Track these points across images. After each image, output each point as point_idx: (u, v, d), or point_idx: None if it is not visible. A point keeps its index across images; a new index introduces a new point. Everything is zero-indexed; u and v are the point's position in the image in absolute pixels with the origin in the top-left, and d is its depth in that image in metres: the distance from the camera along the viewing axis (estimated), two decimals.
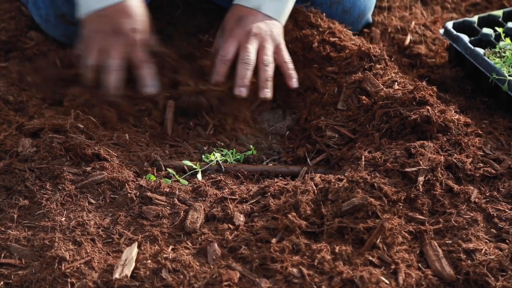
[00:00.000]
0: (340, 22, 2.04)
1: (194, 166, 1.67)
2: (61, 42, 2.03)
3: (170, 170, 1.66)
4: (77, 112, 1.79)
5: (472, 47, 1.88)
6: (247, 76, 1.81)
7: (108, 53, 1.79)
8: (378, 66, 1.84)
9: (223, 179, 1.65)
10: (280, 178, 1.65)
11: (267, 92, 1.81)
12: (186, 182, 1.64)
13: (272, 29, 1.86)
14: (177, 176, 1.64)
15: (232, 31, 1.85)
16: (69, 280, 1.39)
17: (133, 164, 1.67)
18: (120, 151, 1.70)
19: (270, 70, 1.83)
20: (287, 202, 1.52)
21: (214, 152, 1.74)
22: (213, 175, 1.67)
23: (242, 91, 1.80)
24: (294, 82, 1.85)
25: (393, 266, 1.42)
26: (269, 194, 1.58)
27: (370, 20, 2.14)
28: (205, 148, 1.79)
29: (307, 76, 1.90)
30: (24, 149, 1.67)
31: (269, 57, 1.83)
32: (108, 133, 1.74)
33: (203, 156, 1.74)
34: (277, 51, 1.86)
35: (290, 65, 1.86)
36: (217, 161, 1.70)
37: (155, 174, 1.65)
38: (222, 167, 1.68)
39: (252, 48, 1.82)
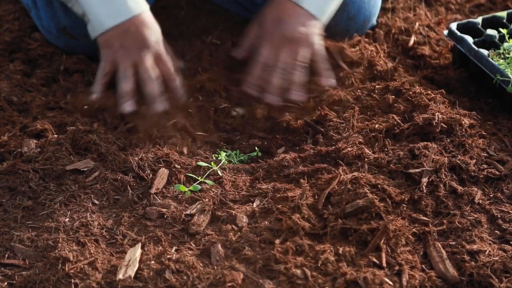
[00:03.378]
0: (345, 29, 2.05)
1: (210, 166, 1.67)
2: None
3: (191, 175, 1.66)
4: (80, 112, 1.80)
5: (476, 48, 1.88)
6: (276, 85, 1.84)
7: (140, 68, 1.79)
8: None
9: (227, 179, 1.65)
10: (284, 177, 1.65)
11: (295, 94, 1.84)
12: (212, 183, 1.64)
13: (309, 32, 1.86)
14: (200, 178, 1.64)
15: (272, 35, 1.85)
16: (72, 281, 1.39)
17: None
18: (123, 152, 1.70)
19: (301, 75, 1.84)
20: (291, 203, 1.52)
21: (220, 152, 1.74)
22: (217, 176, 1.67)
23: (272, 98, 1.84)
24: (330, 81, 1.88)
25: (396, 268, 1.42)
26: (272, 194, 1.58)
27: (375, 23, 2.14)
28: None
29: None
30: (28, 149, 1.67)
31: (301, 63, 1.84)
32: (113, 135, 1.74)
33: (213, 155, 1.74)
34: (312, 54, 1.87)
35: (326, 66, 1.88)
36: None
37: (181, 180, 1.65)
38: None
39: (285, 55, 1.83)
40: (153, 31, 1.81)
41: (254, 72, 1.86)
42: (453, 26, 1.96)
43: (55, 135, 1.72)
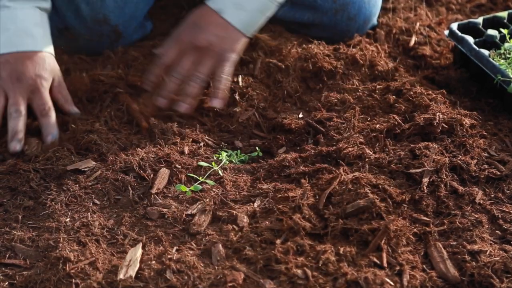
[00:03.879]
0: (345, 29, 2.05)
1: (211, 166, 1.67)
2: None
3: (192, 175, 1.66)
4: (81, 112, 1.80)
5: (477, 49, 1.88)
6: (171, 89, 1.80)
7: (11, 99, 1.71)
8: None
9: (228, 179, 1.65)
10: (285, 178, 1.65)
11: (182, 106, 1.79)
12: (213, 183, 1.64)
13: (224, 43, 1.81)
14: (200, 178, 1.64)
15: (182, 38, 1.82)
16: (73, 280, 1.39)
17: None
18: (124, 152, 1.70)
19: (195, 87, 1.79)
20: (292, 203, 1.52)
21: (221, 152, 1.74)
22: (218, 176, 1.67)
23: (161, 101, 1.80)
24: (215, 102, 1.81)
25: (397, 268, 1.42)
26: (273, 194, 1.58)
27: (376, 23, 2.14)
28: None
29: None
30: (30, 147, 1.68)
31: (200, 74, 1.79)
32: (113, 135, 1.75)
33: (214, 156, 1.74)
34: (217, 67, 1.81)
35: (221, 85, 1.81)
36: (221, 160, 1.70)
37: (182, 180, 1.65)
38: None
39: (187, 62, 1.79)
40: (40, 68, 1.74)
41: (153, 70, 1.83)
42: (454, 26, 1.96)
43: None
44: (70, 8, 1.95)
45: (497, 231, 1.51)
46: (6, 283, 1.41)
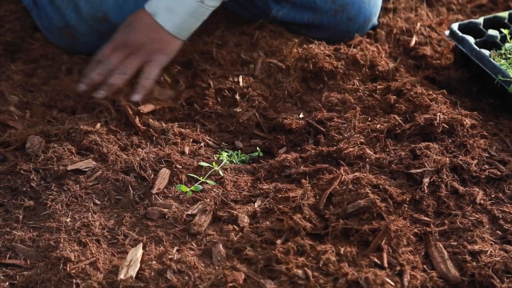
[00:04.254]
0: (345, 30, 2.05)
1: (212, 166, 1.67)
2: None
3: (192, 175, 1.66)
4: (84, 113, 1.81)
5: (478, 49, 1.88)
6: (93, 78, 1.84)
7: None
8: None
9: (228, 180, 1.65)
10: (286, 178, 1.65)
11: (101, 93, 1.83)
12: (214, 183, 1.64)
13: (154, 44, 1.86)
14: (201, 179, 1.64)
15: (116, 36, 1.88)
16: (74, 281, 1.39)
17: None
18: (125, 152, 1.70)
19: (117, 78, 1.84)
20: (292, 203, 1.52)
21: (221, 152, 1.74)
22: (218, 176, 1.67)
23: (81, 87, 1.85)
24: (134, 97, 1.84)
25: (398, 268, 1.42)
26: (274, 194, 1.58)
27: (376, 23, 2.14)
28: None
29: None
30: (32, 145, 1.68)
31: (127, 68, 1.85)
32: (114, 135, 1.75)
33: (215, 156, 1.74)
34: (144, 66, 1.86)
35: (145, 83, 1.85)
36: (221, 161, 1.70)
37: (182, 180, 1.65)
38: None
39: (116, 57, 1.85)
40: None
41: (89, 71, 1.87)
42: (455, 26, 1.96)
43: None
44: (69, 6, 1.95)
45: (497, 231, 1.51)
46: (7, 283, 1.41)
